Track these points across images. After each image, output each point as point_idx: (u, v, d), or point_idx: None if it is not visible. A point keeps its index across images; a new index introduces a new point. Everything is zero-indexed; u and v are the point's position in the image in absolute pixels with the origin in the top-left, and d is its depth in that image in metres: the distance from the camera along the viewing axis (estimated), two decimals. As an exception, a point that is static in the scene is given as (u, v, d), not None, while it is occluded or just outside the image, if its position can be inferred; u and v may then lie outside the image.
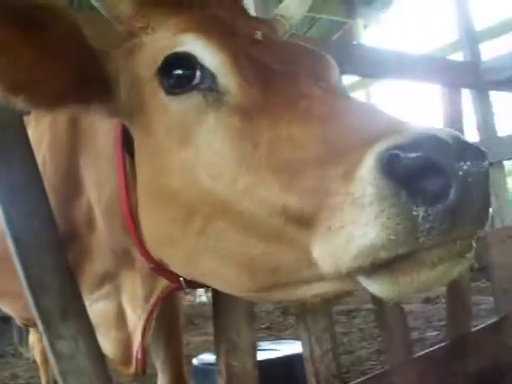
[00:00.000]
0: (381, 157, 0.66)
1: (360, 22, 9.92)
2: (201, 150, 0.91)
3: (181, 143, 0.95)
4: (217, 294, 1.82)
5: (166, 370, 2.00)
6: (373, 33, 10.75)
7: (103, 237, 1.45)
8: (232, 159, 0.87)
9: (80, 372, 1.27)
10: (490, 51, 3.44)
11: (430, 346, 4.49)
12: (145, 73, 1.04)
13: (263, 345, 3.92)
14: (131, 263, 1.45)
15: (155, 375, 2.04)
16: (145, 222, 1.13)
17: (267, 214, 0.81)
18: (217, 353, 1.83)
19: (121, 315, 1.58)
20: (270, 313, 7.21)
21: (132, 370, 1.62)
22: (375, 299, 2.34)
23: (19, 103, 0.97)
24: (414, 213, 0.65)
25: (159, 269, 1.24)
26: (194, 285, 1.27)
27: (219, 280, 1.02)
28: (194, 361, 3.48)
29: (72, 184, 1.46)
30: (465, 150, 0.67)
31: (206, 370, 3.12)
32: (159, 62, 0.99)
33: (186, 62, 0.96)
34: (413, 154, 0.64)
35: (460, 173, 0.66)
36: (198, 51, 0.96)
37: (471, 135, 3.15)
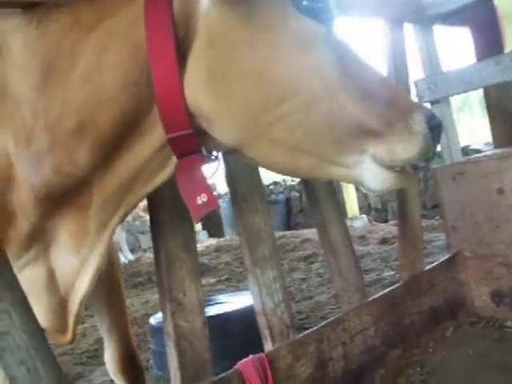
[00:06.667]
0: (425, 115, 1.16)
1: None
2: (317, 64, 1.15)
3: (301, 50, 1.15)
4: (159, 252, 1.74)
5: (113, 338, 1.94)
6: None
7: (26, 189, 1.32)
8: (335, 75, 1.15)
9: (17, 348, 1.17)
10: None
11: (388, 286, 4.58)
12: None
13: (220, 298, 3.90)
14: (84, 193, 1.33)
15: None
16: (225, 94, 1.18)
17: (347, 121, 1.14)
18: (163, 314, 1.76)
19: (51, 278, 1.46)
20: (229, 264, 7.22)
21: (69, 336, 1.54)
22: (326, 244, 2.30)
23: None
24: (432, 145, 1.16)
25: (191, 135, 1.22)
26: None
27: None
28: (152, 320, 3.44)
29: None
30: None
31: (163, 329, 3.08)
32: None
33: None
34: (435, 120, 1.17)
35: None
36: None
37: (415, 71, 3.09)
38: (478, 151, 7.25)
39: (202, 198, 1.26)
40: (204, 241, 10.75)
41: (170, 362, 1.74)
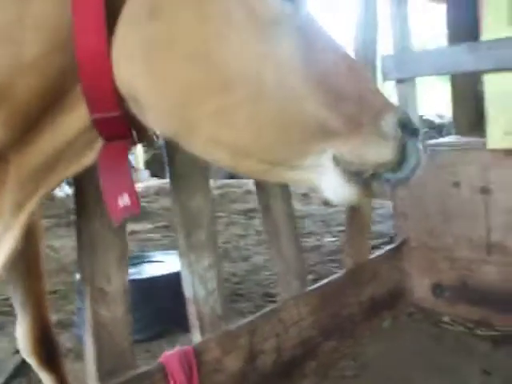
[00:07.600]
0: (399, 118, 1.01)
1: None
2: (274, 51, 0.99)
3: (256, 32, 1.00)
4: (81, 231, 1.54)
5: (28, 314, 1.75)
6: None
7: None
8: (296, 67, 0.99)
9: None
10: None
11: (327, 255, 4.51)
12: None
13: (154, 255, 3.74)
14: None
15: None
16: (160, 74, 1.03)
17: (306, 121, 1.00)
18: (83, 297, 1.59)
19: None
20: (168, 210, 6.94)
21: None
22: (269, 223, 2.15)
23: None
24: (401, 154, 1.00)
25: (120, 118, 1.08)
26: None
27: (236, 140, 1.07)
28: (78, 275, 3.25)
29: None
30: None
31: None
32: None
33: None
34: (410, 125, 1.01)
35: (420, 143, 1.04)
36: None
37: (385, 45, 2.91)
38: (432, 122, 7.22)
39: (123, 199, 1.12)
40: (144, 180, 10.38)
41: (86, 353, 1.58)
